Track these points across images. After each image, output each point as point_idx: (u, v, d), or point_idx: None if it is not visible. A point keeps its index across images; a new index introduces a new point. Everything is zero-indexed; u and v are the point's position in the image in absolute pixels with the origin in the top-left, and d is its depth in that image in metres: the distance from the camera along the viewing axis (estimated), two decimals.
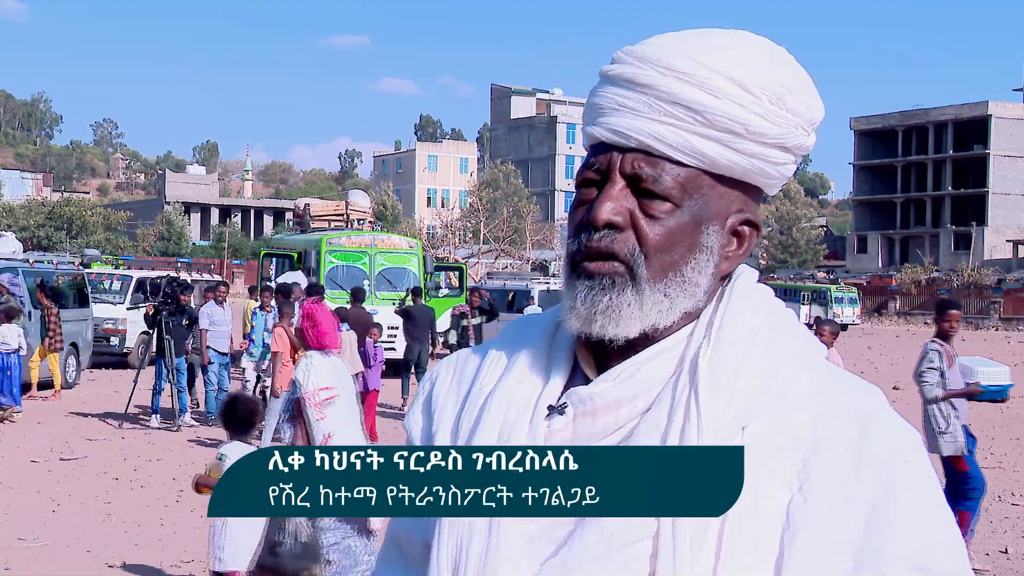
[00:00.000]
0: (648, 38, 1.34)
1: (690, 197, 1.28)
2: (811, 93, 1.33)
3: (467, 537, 1.26)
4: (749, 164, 1.30)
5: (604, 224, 1.27)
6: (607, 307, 1.27)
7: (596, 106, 1.33)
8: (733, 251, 1.33)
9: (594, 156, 1.32)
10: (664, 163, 1.28)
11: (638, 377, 1.28)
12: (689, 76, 1.27)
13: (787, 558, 1.19)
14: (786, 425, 1.24)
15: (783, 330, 1.31)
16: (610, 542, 1.20)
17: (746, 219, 1.34)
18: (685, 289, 1.29)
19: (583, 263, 1.29)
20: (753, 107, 1.28)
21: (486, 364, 1.38)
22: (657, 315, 1.28)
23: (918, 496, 1.22)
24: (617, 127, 1.29)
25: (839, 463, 1.21)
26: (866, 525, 1.19)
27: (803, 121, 1.32)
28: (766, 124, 1.29)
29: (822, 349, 1.32)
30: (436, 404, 1.40)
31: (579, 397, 1.29)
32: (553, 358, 1.36)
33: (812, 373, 1.28)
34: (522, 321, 1.44)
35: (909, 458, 1.24)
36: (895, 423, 1.26)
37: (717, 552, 1.19)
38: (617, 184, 1.29)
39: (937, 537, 1.22)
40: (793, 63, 1.33)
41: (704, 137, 1.27)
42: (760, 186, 1.35)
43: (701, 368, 1.25)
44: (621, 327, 1.27)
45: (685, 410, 1.23)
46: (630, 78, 1.30)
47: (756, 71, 1.28)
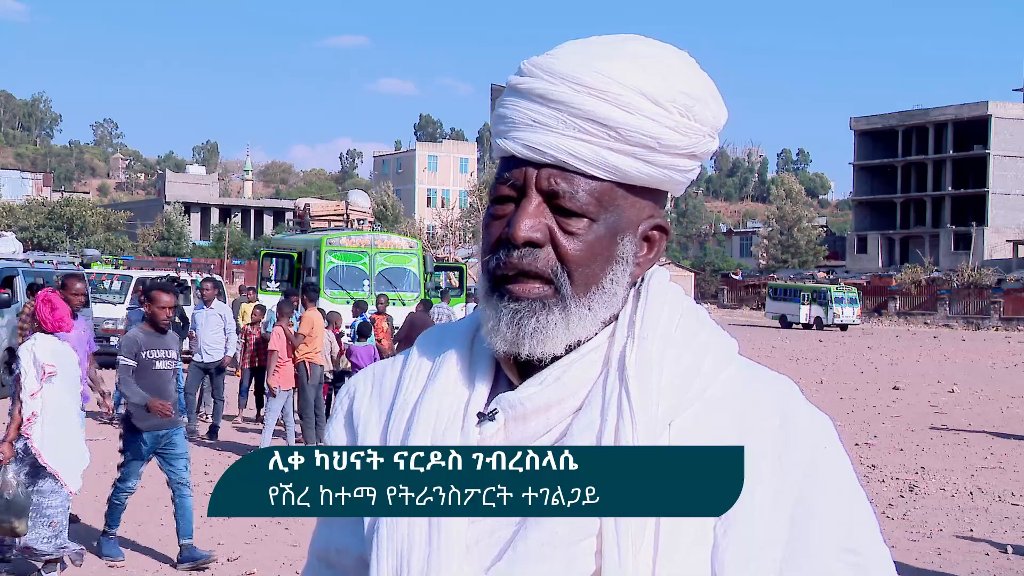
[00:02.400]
0: (554, 48, 1.34)
1: (605, 210, 1.29)
2: (716, 99, 1.35)
3: (407, 546, 1.25)
4: (661, 174, 1.32)
5: (524, 241, 1.27)
6: (534, 329, 1.27)
7: (507, 119, 1.33)
8: (644, 256, 1.34)
9: (507, 170, 1.32)
10: (579, 178, 1.28)
11: (565, 379, 1.29)
12: (602, 92, 1.27)
13: (721, 548, 1.22)
14: (710, 419, 1.26)
15: (700, 327, 1.33)
16: (554, 542, 1.21)
17: (656, 224, 1.35)
18: (605, 300, 1.30)
19: (506, 284, 1.29)
20: (665, 121, 1.29)
21: (407, 375, 1.37)
22: (582, 329, 1.29)
23: (838, 480, 1.28)
24: (532, 143, 1.29)
25: (763, 453, 1.25)
26: (793, 511, 1.24)
27: (710, 128, 1.34)
28: (677, 136, 1.30)
29: (735, 344, 1.35)
30: (358, 419, 1.39)
31: (508, 402, 1.29)
32: (475, 365, 1.35)
33: (730, 367, 1.31)
34: (438, 330, 1.43)
35: (827, 444, 1.29)
36: (810, 412, 1.31)
37: (656, 546, 1.21)
38: (534, 200, 1.28)
39: (858, 518, 1.28)
40: (698, 69, 1.34)
41: (618, 152, 1.28)
42: (668, 190, 1.37)
43: (629, 366, 1.26)
44: (548, 346, 1.28)
45: (618, 408, 1.25)
46: (542, 94, 1.29)
47: (666, 84, 1.29)
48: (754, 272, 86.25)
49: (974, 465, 13.41)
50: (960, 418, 17.97)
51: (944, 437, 15.67)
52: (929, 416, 18.31)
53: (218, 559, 8.24)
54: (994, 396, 21.96)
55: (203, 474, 11.67)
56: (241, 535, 8.98)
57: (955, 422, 17.49)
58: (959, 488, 11.75)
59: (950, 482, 12.09)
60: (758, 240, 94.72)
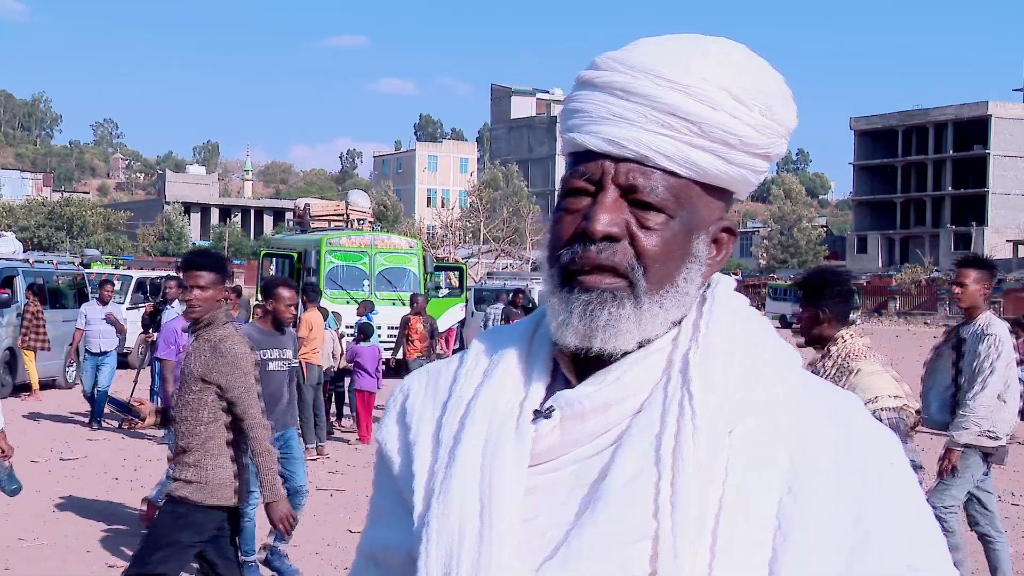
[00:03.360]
0: (628, 45, 1.32)
1: (682, 207, 1.28)
2: (790, 102, 1.34)
3: (457, 543, 1.23)
4: (737, 174, 1.30)
5: (603, 236, 1.26)
6: (607, 322, 1.26)
7: (583, 112, 1.31)
8: (713, 258, 1.33)
9: (580, 164, 1.30)
10: (657, 173, 1.27)
11: (626, 379, 1.27)
12: (685, 87, 1.26)
13: (779, 559, 1.20)
14: (771, 427, 1.24)
15: (764, 335, 1.32)
16: (609, 543, 1.19)
17: (725, 226, 1.34)
18: (678, 299, 1.29)
19: (579, 276, 1.27)
20: (746, 118, 1.28)
21: (463, 373, 1.36)
22: (653, 327, 1.27)
23: (902, 496, 1.25)
24: (612, 137, 1.27)
25: (825, 465, 1.22)
26: (854, 525, 1.21)
27: (785, 130, 1.33)
28: (757, 135, 1.29)
29: (799, 356, 1.34)
30: (412, 415, 1.37)
31: (566, 400, 1.28)
32: (533, 364, 1.34)
33: (792, 380, 1.30)
34: (495, 330, 1.42)
35: (892, 460, 1.26)
36: (874, 428, 1.29)
37: (713, 550, 1.19)
38: (612, 195, 1.27)
39: (924, 536, 1.25)
40: (773, 72, 1.33)
41: (699, 148, 1.27)
42: (737, 192, 1.35)
43: (692, 370, 1.25)
44: (620, 341, 1.26)
45: (679, 411, 1.23)
46: (623, 87, 1.28)
47: (748, 82, 1.28)
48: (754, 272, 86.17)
49: None
50: None
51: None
52: None
53: None
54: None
55: None
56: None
57: None
58: None
59: None
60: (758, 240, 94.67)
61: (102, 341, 15.38)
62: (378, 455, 1.41)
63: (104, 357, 15.32)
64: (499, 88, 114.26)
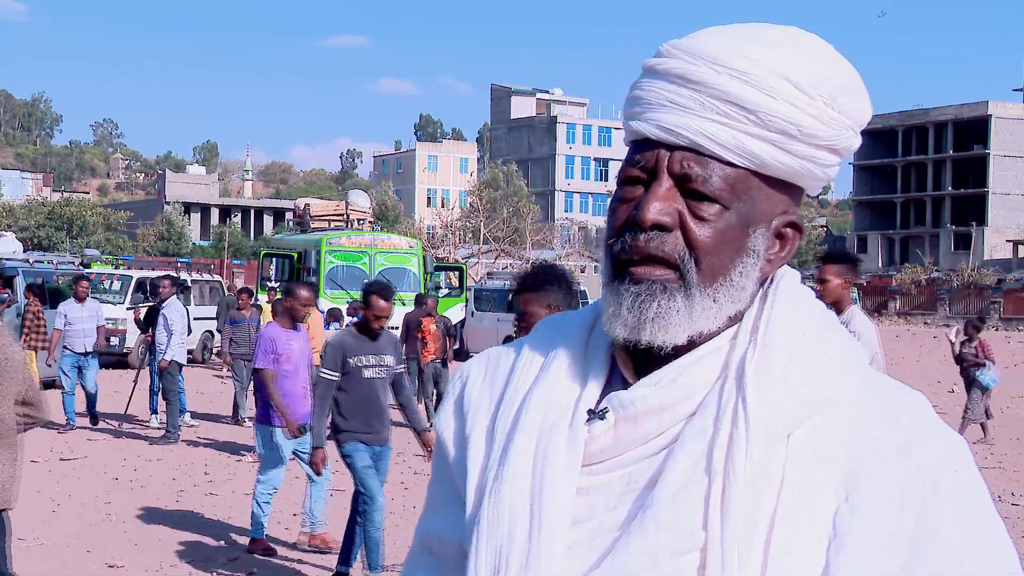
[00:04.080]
0: (694, 32, 1.30)
1: (738, 199, 1.24)
2: (862, 93, 1.29)
3: (507, 543, 1.22)
4: (799, 166, 1.26)
5: (652, 224, 1.22)
6: (656, 314, 1.22)
7: (641, 100, 1.28)
8: (776, 253, 1.28)
9: (637, 152, 1.27)
10: (713, 163, 1.23)
11: (681, 382, 1.24)
12: (744, 74, 1.22)
13: (834, 569, 1.16)
14: (831, 433, 1.20)
15: (827, 334, 1.27)
16: (656, 553, 1.17)
17: (790, 221, 1.29)
18: (732, 293, 1.24)
19: (629, 268, 1.24)
20: (808, 108, 1.24)
21: (520, 364, 1.33)
22: (705, 321, 1.24)
23: (968, 505, 1.19)
24: (667, 124, 1.24)
25: (886, 472, 1.18)
26: (914, 536, 1.16)
27: (853, 123, 1.28)
28: (819, 126, 1.25)
29: (865, 354, 1.29)
30: (469, 405, 1.35)
31: (620, 402, 1.24)
32: (590, 360, 1.31)
33: (856, 379, 1.25)
34: (556, 320, 1.39)
35: (957, 466, 1.20)
36: (942, 431, 1.23)
37: (764, 563, 1.16)
38: (665, 183, 1.24)
39: (988, 548, 1.18)
40: (844, 62, 1.29)
41: (756, 137, 1.23)
42: (805, 187, 1.31)
43: (748, 374, 1.21)
44: (670, 334, 1.23)
45: (733, 417, 1.19)
46: (681, 73, 1.25)
47: (811, 71, 1.24)
48: None
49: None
50: (960, 418, 17.96)
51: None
52: None
53: (217, 559, 8.23)
54: (994, 396, 21.93)
55: (203, 474, 11.67)
56: (241, 535, 8.97)
57: (955, 422, 17.49)
58: None
59: None
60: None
61: (86, 341, 14.64)
62: (437, 442, 1.40)
63: (87, 358, 14.65)
64: (499, 88, 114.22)
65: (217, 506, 10.11)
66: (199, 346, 24.59)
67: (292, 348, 8.48)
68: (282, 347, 8.45)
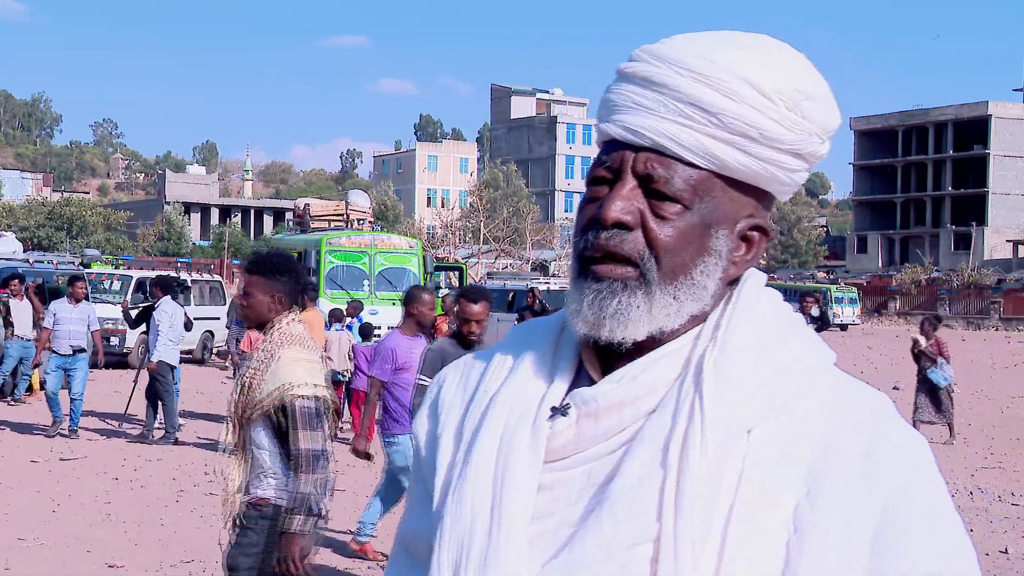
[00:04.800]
0: (668, 37, 1.33)
1: (701, 199, 1.27)
2: (828, 101, 1.32)
3: (468, 538, 1.25)
4: (762, 169, 1.28)
5: (613, 223, 1.26)
6: (616, 311, 1.26)
7: (611, 103, 1.32)
8: (741, 256, 1.31)
9: (606, 153, 1.31)
10: (676, 164, 1.26)
11: (643, 379, 1.26)
12: (706, 77, 1.26)
13: (794, 564, 1.18)
14: (794, 430, 1.22)
15: (791, 335, 1.29)
16: (611, 546, 1.19)
17: (756, 224, 1.32)
18: (693, 292, 1.27)
19: (592, 265, 1.28)
20: (770, 112, 1.26)
21: (491, 367, 1.37)
22: (665, 318, 1.26)
23: (929, 503, 1.22)
24: (631, 125, 1.28)
25: (848, 469, 1.20)
26: (877, 532, 1.19)
27: (818, 128, 1.31)
28: (782, 130, 1.27)
29: (831, 355, 1.31)
30: (442, 407, 1.39)
31: (582, 398, 1.27)
32: (558, 360, 1.34)
33: (821, 379, 1.27)
34: (528, 324, 1.42)
35: (919, 465, 1.23)
36: (905, 430, 1.25)
37: (720, 556, 1.18)
38: (628, 183, 1.27)
39: (949, 544, 1.21)
40: (812, 69, 1.32)
41: (718, 140, 1.26)
42: (772, 192, 1.33)
43: (706, 371, 1.23)
44: (629, 330, 1.26)
45: (689, 413, 1.22)
46: (646, 76, 1.29)
47: (775, 75, 1.27)
48: None
49: (974, 465, 13.41)
50: (960, 418, 17.96)
51: (944, 437, 15.66)
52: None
53: (217, 559, 8.23)
54: (994, 396, 21.95)
55: (203, 474, 11.68)
56: None
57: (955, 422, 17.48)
58: (959, 488, 11.74)
59: (950, 482, 12.07)
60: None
61: (72, 342, 14.04)
62: (414, 445, 1.43)
63: (75, 359, 14.05)
64: (499, 88, 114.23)
65: (217, 506, 10.09)
66: (199, 346, 24.60)
67: (413, 357, 7.96)
68: (403, 357, 8.05)
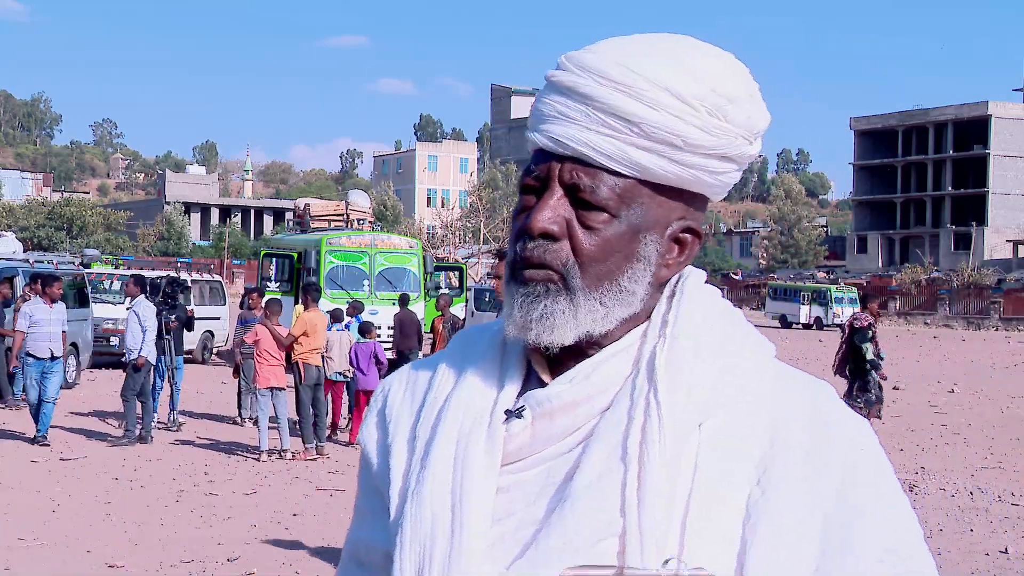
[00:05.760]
0: (595, 44, 1.34)
1: (628, 207, 1.28)
2: (754, 102, 1.32)
3: (430, 543, 1.25)
4: (688, 174, 1.29)
5: (540, 233, 1.27)
6: (541, 315, 1.28)
7: (538, 112, 1.33)
8: (675, 258, 1.33)
9: (535, 163, 1.32)
10: (602, 173, 1.28)
11: (594, 378, 1.28)
12: (627, 87, 1.26)
13: (749, 548, 1.21)
14: (742, 421, 1.26)
15: (735, 328, 1.33)
16: (576, 543, 1.21)
17: (687, 227, 1.33)
18: (621, 298, 1.29)
19: (521, 272, 1.30)
20: (691, 119, 1.27)
21: (439, 374, 1.38)
22: (592, 323, 1.28)
23: (877, 482, 1.26)
24: (555, 135, 1.29)
25: (796, 455, 1.24)
26: (828, 512, 1.23)
27: (744, 131, 1.31)
28: (705, 136, 1.28)
29: (772, 347, 1.35)
30: (391, 416, 1.39)
31: (536, 399, 1.29)
32: (506, 364, 1.36)
33: (765, 370, 1.31)
34: (470, 331, 1.44)
35: (864, 446, 1.28)
36: (847, 415, 1.30)
37: (681, 546, 1.20)
38: (555, 193, 1.28)
39: (900, 521, 1.26)
40: (738, 72, 1.32)
41: (641, 148, 1.27)
42: (704, 194, 1.35)
43: (659, 366, 1.26)
44: (556, 335, 1.27)
45: (646, 407, 1.24)
46: (569, 86, 1.29)
47: (696, 82, 1.27)
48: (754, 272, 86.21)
49: (974, 465, 13.41)
50: (960, 418, 17.97)
51: (944, 437, 15.67)
52: (929, 416, 18.31)
53: (217, 559, 8.23)
54: (994, 396, 21.95)
55: (203, 474, 11.68)
56: (241, 535, 8.97)
57: (955, 422, 17.49)
58: (959, 488, 11.74)
59: (950, 482, 12.08)
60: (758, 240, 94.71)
61: (52, 345, 13.49)
62: (361, 455, 1.44)
63: (53, 363, 13.48)
64: (499, 88, 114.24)
65: (217, 506, 10.11)
66: (199, 346, 24.59)
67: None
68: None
